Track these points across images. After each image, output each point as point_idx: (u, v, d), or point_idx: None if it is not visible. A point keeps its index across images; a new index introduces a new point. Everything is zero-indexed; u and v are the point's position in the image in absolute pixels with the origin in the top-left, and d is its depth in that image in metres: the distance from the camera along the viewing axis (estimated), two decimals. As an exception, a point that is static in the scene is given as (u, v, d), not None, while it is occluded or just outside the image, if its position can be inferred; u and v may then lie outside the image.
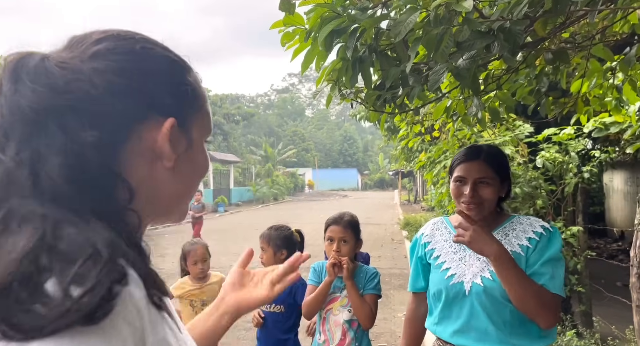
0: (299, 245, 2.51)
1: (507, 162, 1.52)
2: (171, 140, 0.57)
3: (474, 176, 1.43)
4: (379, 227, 13.21)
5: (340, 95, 1.79)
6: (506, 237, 1.45)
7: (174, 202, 0.62)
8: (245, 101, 59.59)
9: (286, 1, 1.25)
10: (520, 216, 1.52)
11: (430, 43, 1.15)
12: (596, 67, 2.05)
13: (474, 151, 1.50)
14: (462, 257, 1.48)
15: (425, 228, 1.66)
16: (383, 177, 47.40)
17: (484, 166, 1.44)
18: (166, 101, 0.57)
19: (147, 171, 0.56)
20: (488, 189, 1.42)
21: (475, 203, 1.42)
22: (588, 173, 3.69)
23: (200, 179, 0.65)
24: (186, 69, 0.62)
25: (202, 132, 0.64)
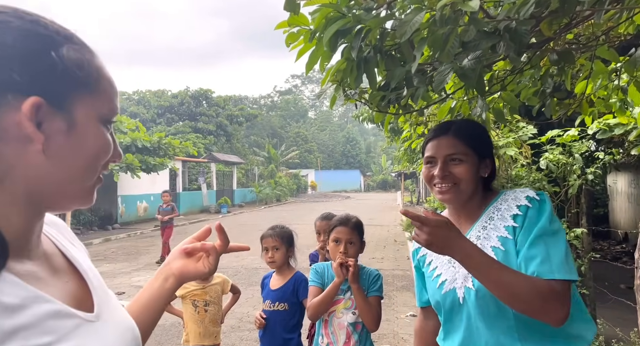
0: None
1: (485, 136, 1.32)
2: (38, 121, 0.55)
3: (443, 153, 1.25)
4: (382, 228, 13.19)
5: (344, 95, 1.79)
6: (491, 221, 1.22)
7: (65, 186, 0.59)
8: (248, 103, 59.63)
9: (291, 1, 1.26)
10: (507, 191, 1.26)
11: (436, 43, 1.15)
12: (601, 69, 2.04)
13: (443, 126, 1.31)
14: (451, 258, 1.21)
15: None
16: (386, 178, 47.34)
17: (453, 141, 1.25)
18: (27, 79, 0.54)
19: (16, 155, 0.55)
20: (461, 166, 1.23)
21: (448, 183, 1.23)
22: (592, 174, 3.68)
23: (95, 160, 0.61)
24: (56, 44, 0.57)
25: (94, 112, 0.60)
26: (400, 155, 10.19)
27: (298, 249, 2.61)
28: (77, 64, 0.58)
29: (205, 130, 29.49)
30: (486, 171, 1.28)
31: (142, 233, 13.96)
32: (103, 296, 0.68)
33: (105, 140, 0.62)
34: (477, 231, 1.24)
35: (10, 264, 0.55)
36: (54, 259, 0.66)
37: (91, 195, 0.64)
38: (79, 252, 0.75)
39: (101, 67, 0.63)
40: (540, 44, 1.61)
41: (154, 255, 9.31)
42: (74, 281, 0.66)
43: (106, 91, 0.62)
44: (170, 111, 30.72)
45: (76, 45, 0.60)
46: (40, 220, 0.63)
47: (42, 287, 0.57)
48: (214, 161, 23.60)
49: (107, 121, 0.63)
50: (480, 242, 1.20)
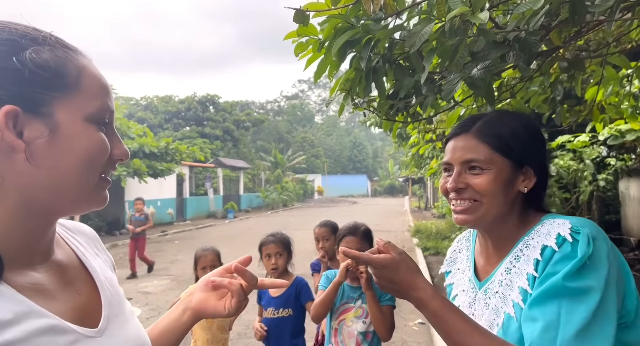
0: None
1: (527, 134, 0.94)
2: (18, 130, 0.54)
3: (458, 159, 0.94)
4: (389, 234, 13.11)
5: (352, 104, 1.79)
6: (517, 262, 0.89)
7: (63, 190, 0.58)
8: (255, 108, 59.96)
9: (300, 13, 1.26)
10: (550, 218, 0.90)
11: (445, 54, 1.15)
12: (612, 75, 2.02)
13: (466, 121, 0.99)
14: (472, 300, 0.96)
15: (450, 249, 1.17)
16: (393, 183, 47.19)
17: (474, 143, 0.93)
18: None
19: (5, 167, 0.55)
20: (482, 177, 0.91)
21: (465, 199, 0.92)
22: (603, 180, 3.64)
23: (88, 161, 0.59)
24: (20, 48, 0.55)
25: (79, 112, 0.58)
26: (408, 160, 10.17)
27: (304, 255, 2.61)
28: (46, 66, 0.56)
29: (212, 135, 29.66)
30: (527, 183, 0.93)
31: (149, 238, 14.01)
32: (115, 309, 0.67)
33: (96, 139, 0.60)
34: (501, 274, 0.91)
35: (9, 276, 0.55)
36: (69, 269, 0.66)
37: (98, 196, 0.62)
38: (102, 263, 0.74)
39: (83, 66, 0.60)
40: (550, 52, 1.60)
41: (160, 261, 9.34)
42: (87, 294, 0.65)
43: (90, 89, 0.60)
44: (178, 117, 30.96)
45: (46, 46, 0.57)
46: (48, 228, 0.62)
47: (45, 300, 0.57)
48: (220, 166, 23.70)
49: (97, 120, 0.60)
50: (502, 290, 0.89)
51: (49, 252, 0.63)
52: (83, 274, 0.68)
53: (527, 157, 0.93)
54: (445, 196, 1.00)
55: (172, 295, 6.32)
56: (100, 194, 0.63)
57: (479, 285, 0.97)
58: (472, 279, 1.00)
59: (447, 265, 1.13)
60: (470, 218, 0.93)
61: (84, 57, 0.62)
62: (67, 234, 0.72)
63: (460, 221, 0.94)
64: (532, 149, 0.95)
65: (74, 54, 0.60)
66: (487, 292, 0.94)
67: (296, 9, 1.24)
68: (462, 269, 1.06)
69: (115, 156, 0.63)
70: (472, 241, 1.09)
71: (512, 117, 0.98)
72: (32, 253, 0.60)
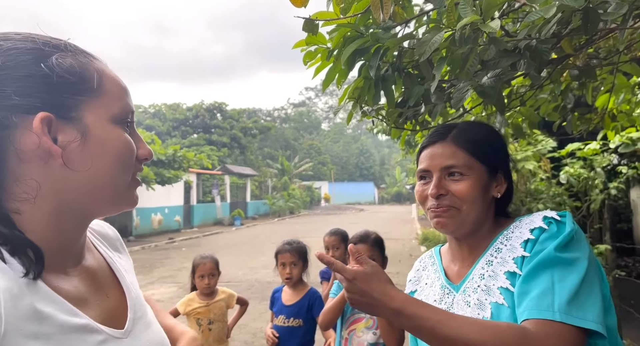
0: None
1: (498, 143, 1.00)
2: (53, 136, 0.56)
3: (438, 165, 0.95)
4: (397, 242, 13.03)
5: (361, 112, 1.79)
6: (498, 253, 0.92)
7: (98, 191, 0.60)
8: (262, 115, 60.28)
9: (309, 22, 1.26)
10: (524, 217, 0.95)
11: (455, 62, 1.14)
12: (623, 83, 2.00)
13: (440, 129, 1.01)
14: (449, 306, 0.97)
15: (412, 271, 1.17)
16: (400, 191, 46.99)
17: (452, 149, 0.95)
18: (25, 97, 0.54)
19: (42, 172, 0.56)
20: (462, 183, 0.93)
21: (445, 205, 0.93)
22: (615, 189, 3.59)
23: (119, 161, 0.61)
24: (45, 55, 0.57)
25: (105, 114, 0.60)
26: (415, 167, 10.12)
27: (311, 263, 2.60)
28: (72, 71, 0.58)
29: (220, 142, 29.83)
30: (499, 189, 0.97)
31: (157, 245, 14.07)
32: (139, 311, 0.69)
33: (123, 139, 0.61)
34: (481, 268, 0.94)
35: (49, 278, 0.56)
36: (99, 273, 0.67)
37: (129, 196, 0.64)
38: (126, 264, 0.75)
39: (102, 69, 0.62)
40: (560, 60, 1.58)
41: (167, 268, 9.36)
42: (115, 296, 0.67)
43: (112, 91, 0.61)
44: (185, 124, 31.21)
45: (67, 52, 0.59)
46: (82, 232, 0.63)
47: (78, 302, 0.59)
48: (227, 174, 23.79)
49: (122, 121, 0.62)
50: (484, 282, 0.91)
51: (81, 256, 0.65)
52: (111, 277, 0.69)
53: (500, 164, 0.98)
54: (421, 203, 1.00)
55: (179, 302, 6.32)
56: (132, 194, 0.65)
57: (456, 288, 0.98)
58: (445, 286, 1.01)
59: (411, 285, 1.12)
60: (451, 223, 0.94)
61: (100, 62, 0.64)
62: (95, 238, 0.74)
63: (440, 225, 0.95)
64: (503, 155, 1.00)
65: (92, 59, 0.62)
66: (465, 291, 0.95)
67: (305, 18, 1.24)
68: (430, 283, 1.06)
69: (140, 156, 0.65)
70: (436, 256, 1.11)
71: (482, 125, 1.06)
72: (66, 257, 0.61)
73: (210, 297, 2.77)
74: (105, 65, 0.64)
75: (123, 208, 0.64)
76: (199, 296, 2.78)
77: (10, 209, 0.56)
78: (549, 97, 2.05)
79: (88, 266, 0.66)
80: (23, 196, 0.56)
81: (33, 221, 0.57)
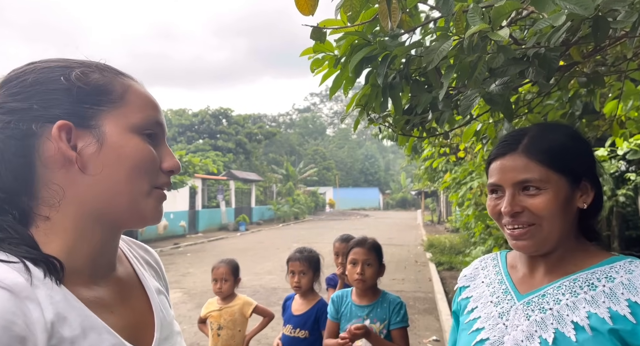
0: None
1: (579, 146, 0.90)
2: (73, 144, 0.59)
3: (510, 180, 0.88)
4: (402, 248, 12.98)
5: (368, 119, 1.79)
6: (591, 289, 0.84)
7: (115, 200, 0.61)
8: (267, 121, 60.50)
9: (317, 30, 1.27)
10: (627, 261, 0.85)
11: (463, 70, 1.14)
12: (631, 89, 1.99)
13: (510, 139, 0.93)
14: (505, 311, 0.92)
15: (469, 267, 1.12)
16: (405, 197, 46.85)
17: (525, 161, 0.87)
18: (52, 108, 0.59)
19: (64, 178, 0.59)
20: (540, 198, 0.85)
21: (523, 223, 0.86)
22: (623, 196, 3.55)
23: (135, 171, 0.62)
24: (68, 70, 0.62)
25: (124, 124, 0.62)
26: (421, 173, 10.11)
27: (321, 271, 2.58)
28: (93, 83, 0.61)
29: (225, 148, 29.95)
30: (585, 199, 0.88)
31: (162, 250, 14.09)
32: (166, 332, 0.69)
33: (141, 149, 0.62)
34: (560, 293, 0.87)
35: (77, 289, 0.58)
36: (127, 286, 0.68)
37: (148, 207, 0.64)
38: (158, 285, 0.76)
39: (129, 85, 0.65)
40: (568, 67, 1.58)
41: (172, 274, 9.35)
42: (141, 312, 0.67)
43: (135, 103, 0.64)
44: (191, 130, 31.39)
45: (95, 69, 0.63)
46: (111, 242, 0.65)
47: (107, 315, 0.59)
48: (232, 179, 23.85)
49: (141, 130, 0.63)
50: (558, 308, 0.85)
51: (111, 267, 0.66)
52: (140, 292, 0.70)
53: (582, 171, 0.89)
54: (496, 220, 0.94)
55: (184, 308, 6.31)
56: (154, 207, 0.65)
57: (519, 297, 0.92)
58: (508, 291, 0.95)
59: (466, 280, 1.07)
60: (531, 244, 0.87)
61: (132, 80, 0.67)
62: (130, 251, 0.76)
63: (520, 248, 0.88)
64: (587, 161, 0.90)
65: (122, 76, 0.66)
66: (530, 304, 0.89)
67: (313, 27, 1.25)
68: (489, 282, 1.01)
69: (165, 169, 0.66)
70: (500, 259, 1.05)
71: (559, 129, 0.93)
72: (96, 266, 0.63)
73: (225, 302, 2.76)
74: (138, 83, 0.68)
75: (145, 219, 0.65)
76: (217, 300, 2.79)
77: (40, 214, 0.59)
78: (556, 104, 2.04)
79: (118, 277, 0.68)
80: (51, 202, 0.59)
81: (60, 226, 0.60)
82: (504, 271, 1.00)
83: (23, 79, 0.61)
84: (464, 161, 5.23)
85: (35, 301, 0.51)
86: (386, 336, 1.94)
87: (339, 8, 1.16)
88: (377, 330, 1.93)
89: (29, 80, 0.60)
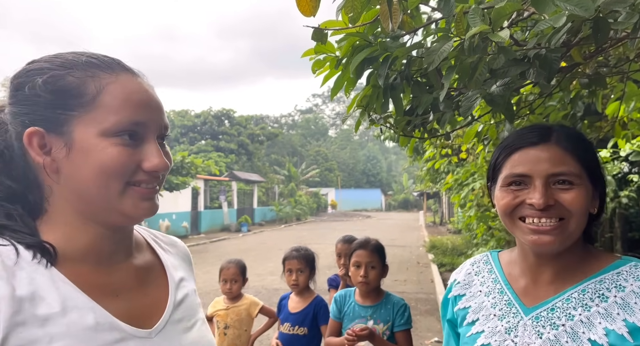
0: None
1: (594, 150, 0.89)
2: (48, 148, 0.62)
3: (544, 171, 0.82)
4: (404, 249, 12.96)
5: (369, 120, 1.79)
6: (602, 301, 0.81)
7: (91, 200, 0.63)
8: (269, 122, 60.56)
9: (319, 31, 1.28)
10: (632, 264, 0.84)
11: (464, 71, 1.15)
12: (634, 90, 1.98)
13: (538, 129, 0.88)
14: (512, 326, 0.86)
15: (459, 271, 1.04)
16: (407, 198, 46.78)
17: (559, 153, 0.83)
18: (30, 114, 0.62)
19: (47, 179, 0.64)
20: (573, 192, 0.81)
21: (553, 218, 0.81)
22: (626, 197, 3.54)
23: (103, 174, 0.62)
24: (43, 72, 0.63)
25: (94, 128, 0.62)
26: (423, 174, 10.10)
27: (318, 270, 2.59)
28: (61, 89, 0.62)
29: (227, 149, 29.99)
30: (594, 204, 0.86)
31: (165, 251, 14.10)
32: (180, 314, 0.71)
33: (109, 153, 0.62)
34: (572, 307, 0.83)
35: (79, 274, 0.62)
36: (145, 273, 0.72)
37: (125, 206, 0.64)
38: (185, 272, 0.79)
39: (105, 84, 0.64)
40: (569, 68, 1.58)
41: (175, 274, 9.36)
42: (155, 297, 0.70)
43: (109, 105, 0.63)
44: (193, 131, 31.45)
45: (67, 70, 0.63)
46: (113, 235, 0.67)
47: (105, 297, 0.62)
48: (235, 180, 23.87)
49: (114, 133, 0.62)
50: (572, 325, 0.81)
51: (122, 255, 0.69)
52: (161, 280, 0.73)
53: (600, 179, 0.87)
54: (508, 214, 0.86)
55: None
56: (132, 205, 0.65)
57: (526, 311, 0.86)
58: (512, 304, 0.89)
59: (460, 288, 0.99)
60: (557, 240, 0.81)
61: (114, 76, 0.65)
62: (155, 242, 0.79)
63: (544, 243, 0.81)
64: (602, 171, 0.89)
65: (101, 74, 0.64)
66: (539, 319, 0.84)
67: (315, 28, 1.25)
68: (488, 291, 0.94)
69: (145, 169, 0.65)
70: (494, 262, 0.99)
71: (583, 134, 0.92)
72: (100, 255, 0.66)
73: (232, 302, 2.78)
74: (123, 78, 0.66)
75: (126, 216, 0.65)
76: (224, 299, 2.81)
77: (44, 207, 0.65)
78: (558, 105, 2.04)
79: (135, 264, 0.71)
80: (47, 198, 0.65)
81: (59, 219, 0.65)
82: (502, 278, 0.94)
83: (14, 82, 0.65)
84: (466, 162, 5.23)
85: (5, 280, 0.56)
86: (389, 337, 1.94)
87: (340, 9, 1.17)
88: (381, 331, 1.93)
89: (14, 84, 0.64)
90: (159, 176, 0.68)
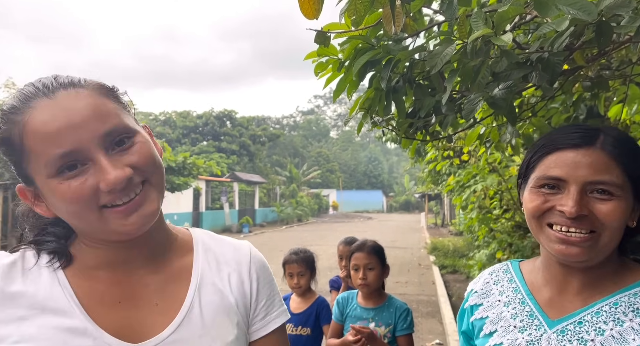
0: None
1: None
2: (32, 199, 0.68)
3: (583, 177, 0.74)
4: (405, 251, 12.94)
5: (371, 122, 1.79)
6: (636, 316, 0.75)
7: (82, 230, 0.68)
8: (271, 123, 60.59)
9: (321, 34, 1.28)
10: None
11: (466, 74, 1.15)
12: (636, 93, 1.98)
13: (583, 130, 0.79)
14: (535, 339, 0.81)
15: (477, 281, 0.98)
16: (409, 199, 46.74)
17: (604, 159, 0.75)
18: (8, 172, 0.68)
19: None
20: (611, 204, 0.74)
21: (584, 229, 0.74)
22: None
23: (69, 208, 0.62)
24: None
25: (42, 174, 0.61)
26: (425, 176, 10.09)
27: (319, 271, 2.60)
28: (3, 144, 0.64)
29: (229, 150, 30.03)
30: (634, 217, 0.78)
31: (166, 251, 14.10)
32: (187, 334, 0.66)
33: (62, 193, 0.61)
34: (602, 321, 0.77)
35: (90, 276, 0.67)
36: (167, 283, 0.70)
37: (111, 227, 0.63)
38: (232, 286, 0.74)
39: (22, 126, 0.60)
40: (572, 71, 1.58)
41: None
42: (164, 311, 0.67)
43: (33, 147, 0.60)
44: (195, 131, 31.50)
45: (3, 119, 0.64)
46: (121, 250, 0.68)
47: (102, 305, 0.65)
48: (236, 181, 23.90)
49: (54, 173, 0.60)
50: (602, 340, 0.76)
51: (140, 262, 0.69)
52: (180, 291, 0.70)
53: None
54: (536, 218, 0.79)
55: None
56: (118, 223, 0.62)
57: (550, 323, 0.81)
58: (535, 315, 0.83)
59: (477, 298, 0.93)
60: (585, 253, 0.75)
61: (29, 111, 0.60)
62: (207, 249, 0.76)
63: (570, 255, 0.75)
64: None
65: (18, 116, 0.61)
66: (565, 333, 0.78)
67: (318, 31, 1.26)
68: (507, 301, 0.88)
69: (102, 190, 0.60)
70: (514, 272, 0.92)
71: (627, 133, 0.84)
72: (113, 262, 0.68)
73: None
74: (33, 113, 0.61)
75: (117, 234, 0.64)
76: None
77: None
78: (560, 108, 2.04)
79: (156, 273, 0.71)
80: None
81: (79, 238, 0.71)
82: (523, 288, 0.88)
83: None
84: (467, 164, 5.23)
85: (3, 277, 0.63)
86: (390, 340, 1.95)
87: (343, 12, 1.17)
88: (382, 333, 1.93)
89: None
90: (127, 185, 0.61)
